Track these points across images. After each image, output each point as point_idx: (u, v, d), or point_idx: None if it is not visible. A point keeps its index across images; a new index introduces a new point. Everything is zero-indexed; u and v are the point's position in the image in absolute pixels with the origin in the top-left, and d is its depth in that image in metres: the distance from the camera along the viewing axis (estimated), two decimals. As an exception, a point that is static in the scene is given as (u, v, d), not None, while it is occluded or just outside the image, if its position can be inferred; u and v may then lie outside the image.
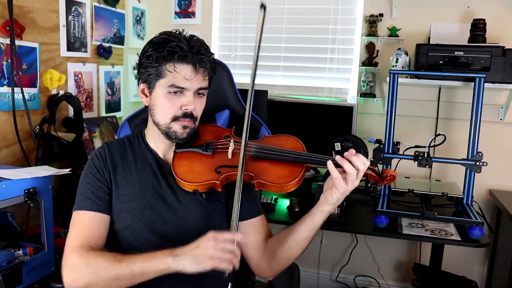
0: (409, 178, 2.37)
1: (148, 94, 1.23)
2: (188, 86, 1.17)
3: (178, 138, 1.21)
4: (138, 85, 1.25)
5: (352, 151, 1.12)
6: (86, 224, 1.18)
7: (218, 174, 1.19)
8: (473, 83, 1.97)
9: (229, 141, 1.25)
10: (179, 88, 1.17)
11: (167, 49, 1.15)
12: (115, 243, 1.23)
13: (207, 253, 1.03)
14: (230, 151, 1.22)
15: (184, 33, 1.21)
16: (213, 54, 1.23)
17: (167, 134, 1.22)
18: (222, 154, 1.24)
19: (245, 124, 1.15)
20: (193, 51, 1.16)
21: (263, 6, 1.06)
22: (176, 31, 1.21)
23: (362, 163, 1.10)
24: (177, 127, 1.20)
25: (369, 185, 2.06)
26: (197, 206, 1.24)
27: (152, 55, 1.17)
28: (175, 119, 1.19)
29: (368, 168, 1.15)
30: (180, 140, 1.22)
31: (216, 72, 1.27)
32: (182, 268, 1.04)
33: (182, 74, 1.16)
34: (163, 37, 1.18)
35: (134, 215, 1.20)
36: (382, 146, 2.04)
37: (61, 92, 2.10)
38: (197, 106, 1.21)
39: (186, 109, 1.18)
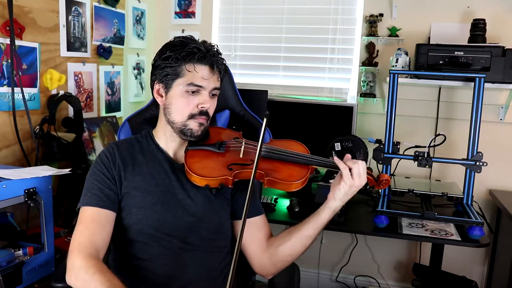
0: (409, 178, 2.37)
1: (163, 94, 1.27)
2: (205, 85, 1.23)
3: (194, 135, 1.26)
4: (152, 86, 1.30)
5: (349, 156, 1.24)
6: (92, 221, 1.19)
7: (230, 171, 1.24)
8: (473, 83, 1.97)
9: (241, 142, 1.33)
10: (197, 86, 1.23)
11: (186, 51, 1.22)
12: (123, 239, 1.24)
13: None
14: (242, 149, 1.29)
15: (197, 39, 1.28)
16: (224, 59, 1.29)
17: (182, 131, 1.26)
18: (234, 153, 1.30)
19: (262, 129, 1.18)
20: (210, 53, 1.24)
21: (266, 115, 1.17)
22: (190, 36, 1.28)
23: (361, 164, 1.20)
24: (193, 125, 1.25)
25: (367, 187, 2.07)
26: (207, 203, 1.27)
27: (172, 56, 1.23)
28: (192, 116, 1.24)
29: (368, 173, 1.24)
30: (194, 138, 1.27)
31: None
32: None
33: (201, 73, 1.23)
34: (180, 40, 1.25)
35: (146, 210, 1.23)
36: (382, 146, 2.04)
37: (61, 92, 2.10)
38: (211, 106, 1.27)
39: (202, 107, 1.24)
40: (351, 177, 1.18)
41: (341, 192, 1.20)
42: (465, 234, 1.85)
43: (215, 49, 1.26)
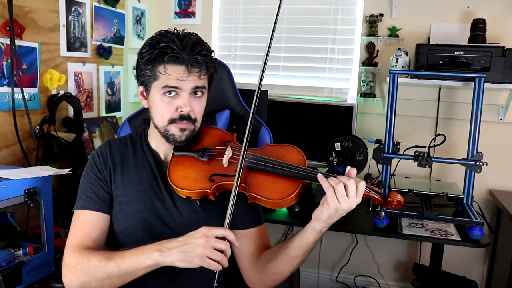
0: (409, 178, 2.37)
1: (146, 96, 1.22)
2: (181, 86, 1.14)
3: (177, 141, 1.19)
4: (138, 87, 1.25)
5: (353, 172, 1.07)
6: (85, 224, 1.18)
7: (212, 183, 1.15)
8: (473, 83, 1.97)
9: (228, 148, 1.20)
10: (172, 87, 1.14)
11: (158, 51, 1.13)
12: (114, 244, 1.23)
13: (196, 250, 0.99)
14: (225, 159, 1.18)
15: (181, 31, 1.18)
16: (213, 51, 1.19)
17: (166, 137, 1.19)
18: (218, 162, 1.19)
19: (245, 135, 1.13)
20: (186, 50, 1.12)
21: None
22: (173, 30, 1.18)
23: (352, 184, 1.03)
24: (175, 130, 1.17)
25: (369, 209, 2.04)
26: (193, 212, 1.21)
27: (145, 57, 1.15)
28: (172, 121, 1.16)
29: (373, 191, 1.10)
30: (179, 143, 1.20)
31: (217, 69, 1.24)
32: (170, 262, 1.02)
33: (175, 75, 1.13)
34: (156, 38, 1.16)
35: (132, 218, 1.19)
36: (382, 146, 2.04)
37: (61, 92, 2.10)
38: (195, 107, 1.17)
39: (181, 111, 1.15)
40: (336, 199, 1.02)
41: (325, 214, 1.05)
42: (465, 234, 1.85)
43: (194, 45, 1.13)
